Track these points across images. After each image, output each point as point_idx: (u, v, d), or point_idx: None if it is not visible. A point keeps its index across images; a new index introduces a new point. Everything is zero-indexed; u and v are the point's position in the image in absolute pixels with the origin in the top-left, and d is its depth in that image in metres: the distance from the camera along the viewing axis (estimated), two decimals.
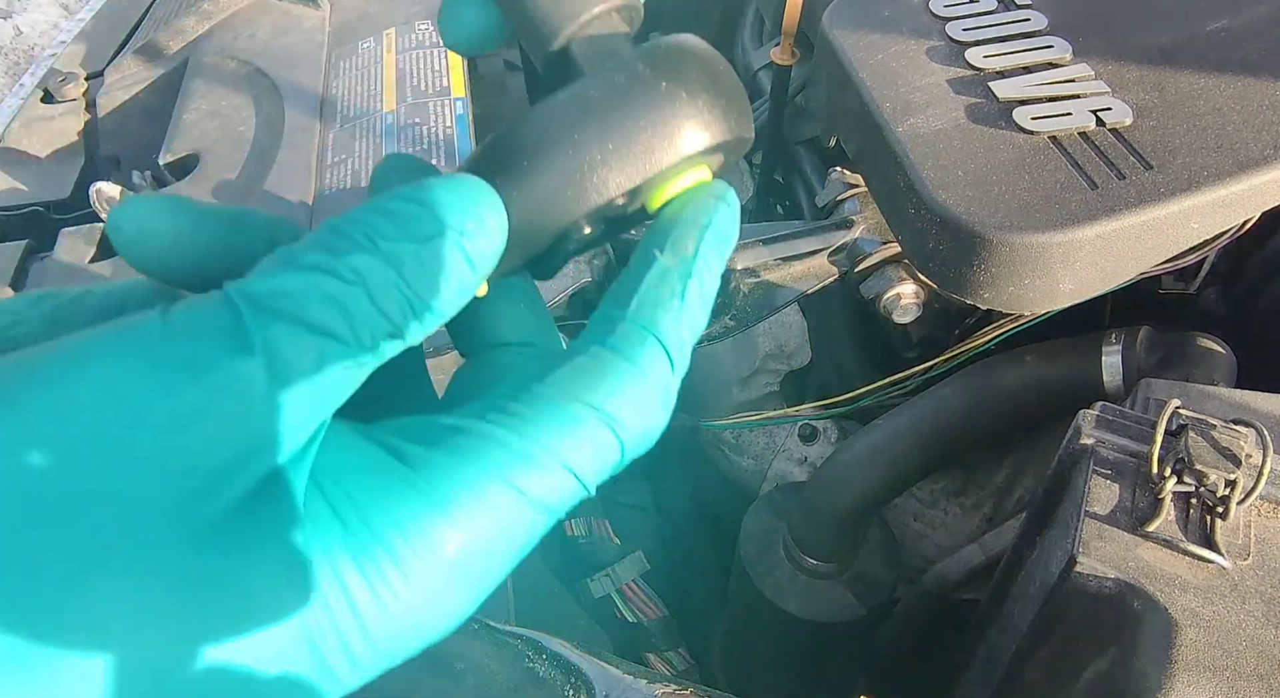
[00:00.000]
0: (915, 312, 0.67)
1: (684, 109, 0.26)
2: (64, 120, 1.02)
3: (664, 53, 0.26)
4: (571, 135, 0.25)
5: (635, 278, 0.26)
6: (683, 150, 0.26)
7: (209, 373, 0.20)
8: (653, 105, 0.26)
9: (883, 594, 0.69)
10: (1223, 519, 0.42)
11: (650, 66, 0.26)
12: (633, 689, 0.43)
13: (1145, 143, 0.53)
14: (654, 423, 0.25)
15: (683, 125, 0.26)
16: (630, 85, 0.26)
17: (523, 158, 0.26)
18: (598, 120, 0.26)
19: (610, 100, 0.26)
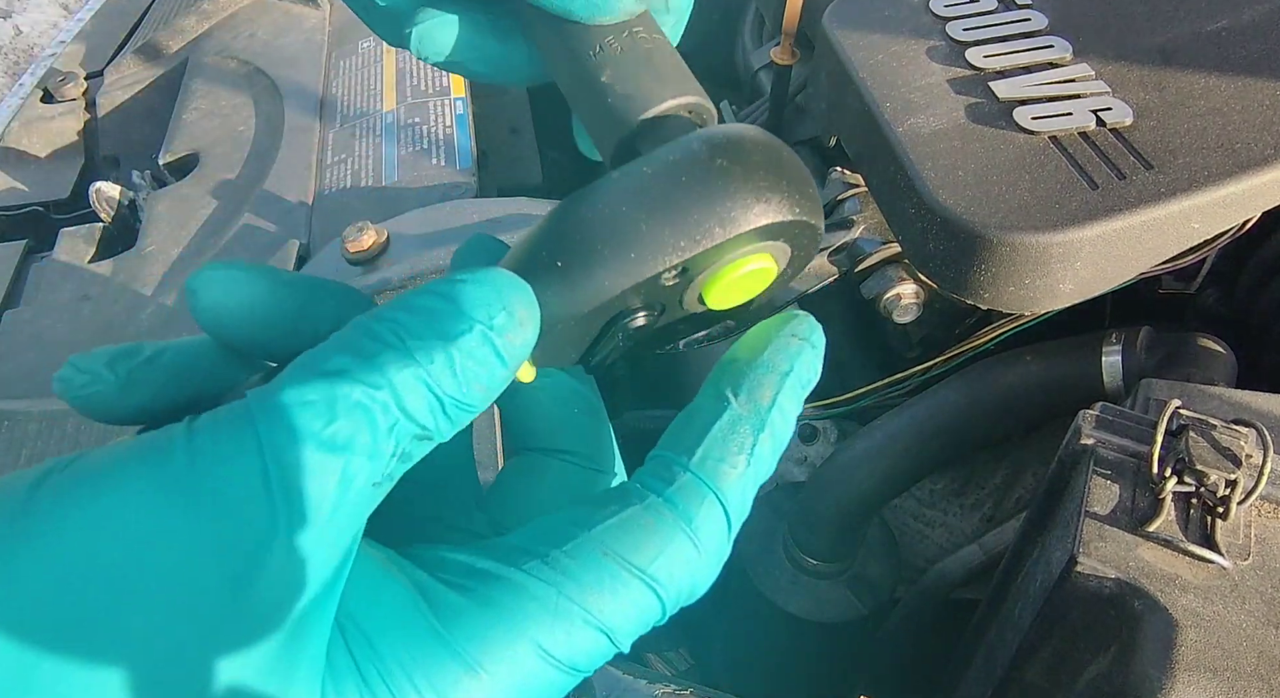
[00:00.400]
0: (915, 312, 0.67)
1: (738, 183, 0.24)
2: (64, 120, 1.02)
3: (724, 134, 0.25)
4: (619, 208, 0.24)
5: (704, 422, 0.25)
6: (736, 226, 0.24)
7: (233, 513, 0.20)
8: (704, 178, 0.24)
9: (883, 594, 0.69)
10: (1223, 519, 0.42)
11: (707, 144, 0.25)
12: (633, 689, 0.43)
13: (1145, 143, 0.53)
14: (702, 584, 0.24)
15: (735, 199, 0.24)
16: (683, 160, 0.25)
17: (569, 233, 0.25)
18: (646, 193, 0.24)
19: (661, 174, 0.25)
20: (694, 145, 0.25)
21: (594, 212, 0.25)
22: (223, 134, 0.91)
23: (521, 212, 0.71)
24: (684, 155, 0.25)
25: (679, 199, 0.24)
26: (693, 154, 0.25)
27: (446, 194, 0.78)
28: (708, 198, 0.24)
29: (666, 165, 0.25)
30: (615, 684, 0.43)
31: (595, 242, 0.24)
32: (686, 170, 0.25)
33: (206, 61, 1.01)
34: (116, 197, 0.87)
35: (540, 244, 0.25)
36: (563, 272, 0.24)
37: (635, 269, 0.24)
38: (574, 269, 0.24)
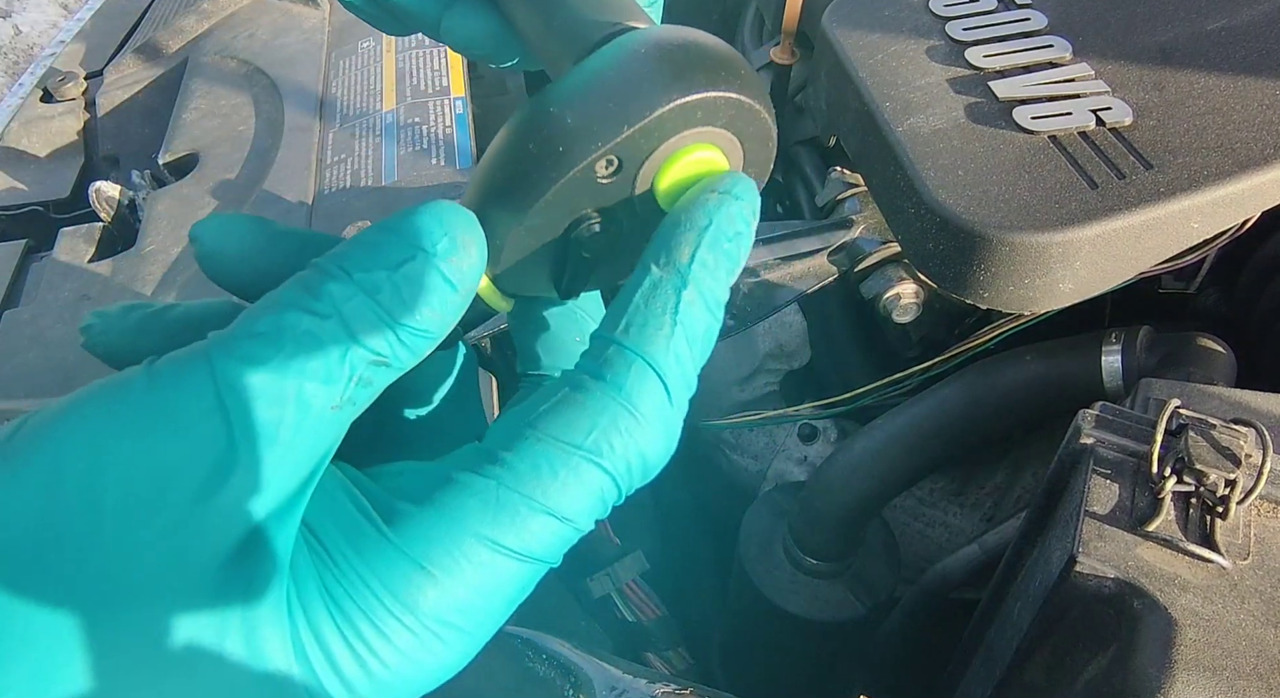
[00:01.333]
0: (915, 312, 0.67)
1: (655, 63, 0.24)
2: (63, 120, 1.02)
3: (654, 32, 0.25)
4: (547, 109, 0.24)
5: (627, 293, 0.25)
6: (657, 104, 0.24)
7: (186, 431, 0.21)
8: (625, 66, 0.24)
9: (883, 594, 0.69)
10: (1222, 519, 0.42)
11: (633, 40, 0.25)
12: (633, 689, 0.43)
13: (1145, 143, 0.53)
14: (652, 453, 0.25)
15: (655, 78, 0.24)
16: (610, 57, 0.24)
17: (505, 147, 0.25)
18: (573, 91, 0.24)
19: (588, 74, 0.24)
20: (625, 44, 0.25)
21: (524, 120, 0.25)
22: (223, 134, 0.91)
23: None
24: (612, 54, 0.25)
25: (601, 89, 0.24)
26: (621, 49, 0.25)
27: (446, 194, 0.78)
28: (628, 82, 0.24)
29: (590, 68, 0.25)
30: (615, 684, 0.43)
31: (526, 144, 0.24)
32: (609, 65, 0.24)
33: (206, 61, 1.01)
34: (116, 196, 0.87)
35: (484, 167, 0.25)
36: (503, 183, 0.25)
37: (564, 161, 0.24)
38: (513, 178, 0.25)
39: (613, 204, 0.25)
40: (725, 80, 0.25)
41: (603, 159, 0.24)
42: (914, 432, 0.65)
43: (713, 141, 0.25)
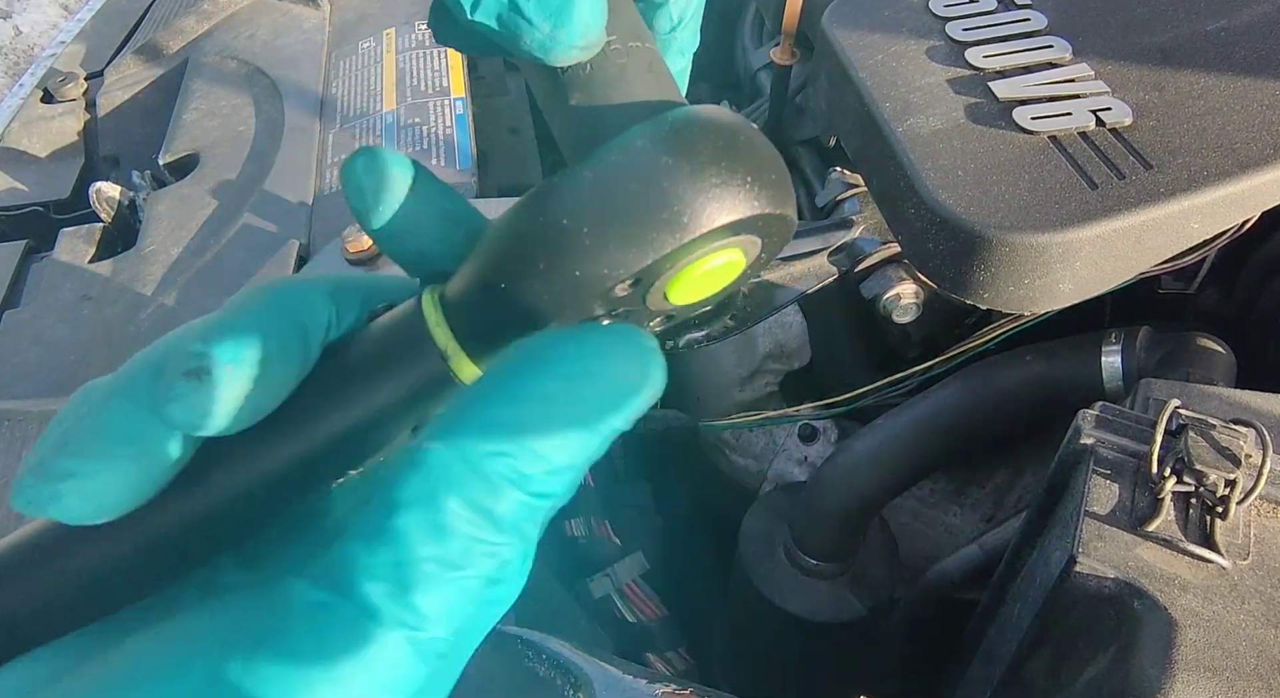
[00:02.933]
0: (915, 312, 0.67)
1: (686, 184, 0.22)
2: (64, 120, 1.02)
3: (671, 124, 0.23)
4: (559, 219, 0.22)
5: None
6: (686, 232, 0.22)
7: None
8: (648, 180, 0.22)
9: (883, 594, 0.69)
10: (1222, 519, 0.42)
11: (652, 139, 0.22)
12: (633, 689, 0.43)
13: (1145, 143, 0.53)
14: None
15: (685, 202, 0.22)
16: (626, 160, 0.22)
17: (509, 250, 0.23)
18: (587, 201, 0.22)
19: (603, 178, 0.22)
20: (637, 142, 0.22)
21: (532, 225, 0.23)
22: (223, 134, 0.91)
23: None
24: (626, 154, 0.22)
25: (622, 207, 0.22)
26: (636, 152, 0.22)
27: None
28: (654, 204, 0.22)
29: (608, 168, 0.22)
30: (615, 684, 0.43)
31: (536, 259, 0.22)
32: (630, 172, 0.22)
33: (206, 62, 1.01)
34: (116, 197, 0.87)
35: (483, 264, 0.24)
36: (506, 293, 0.23)
37: (581, 286, 0.22)
38: (519, 290, 0.23)
39: (624, 305, 0.24)
40: (760, 197, 0.23)
41: (624, 283, 0.23)
42: (914, 432, 0.65)
43: (734, 245, 0.24)
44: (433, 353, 0.24)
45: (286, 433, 0.23)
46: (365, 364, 0.24)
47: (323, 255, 0.73)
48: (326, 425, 0.24)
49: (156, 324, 0.73)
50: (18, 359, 0.72)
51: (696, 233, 0.22)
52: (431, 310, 0.24)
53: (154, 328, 0.73)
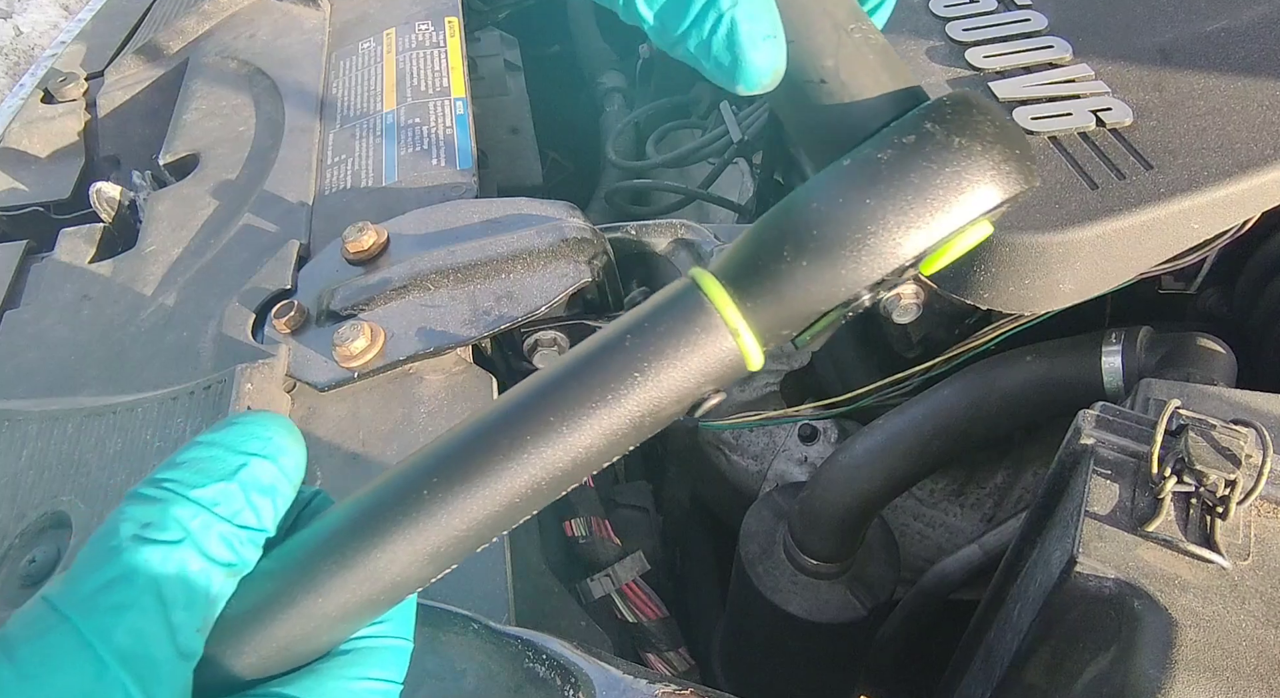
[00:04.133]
0: (915, 312, 0.67)
1: (979, 163, 0.24)
2: (64, 120, 1.02)
3: (952, 109, 0.25)
4: (862, 200, 0.24)
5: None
6: (982, 206, 0.24)
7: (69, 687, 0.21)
8: (944, 160, 0.24)
9: (883, 594, 0.69)
10: (1223, 519, 0.42)
11: (939, 122, 0.24)
12: (633, 689, 0.43)
13: (1145, 143, 0.53)
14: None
15: (981, 180, 0.24)
16: (919, 143, 0.24)
17: (809, 229, 0.24)
18: (888, 182, 0.24)
19: (898, 160, 0.24)
20: (926, 125, 0.24)
21: (836, 205, 0.24)
22: (223, 134, 0.91)
23: (521, 212, 0.71)
24: (920, 137, 0.24)
25: (925, 186, 0.24)
26: (928, 135, 0.24)
27: (446, 194, 0.78)
28: (954, 183, 0.24)
29: (904, 150, 0.24)
30: (615, 684, 0.43)
31: (842, 238, 0.24)
32: (927, 154, 0.24)
33: (207, 62, 1.01)
34: (117, 197, 0.87)
35: (777, 241, 0.25)
36: (807, 270, 0.24)
37: (885, 262, 0.24)
38: (820, 268, 0.24)
39: (896, 279, 0.26)
40: (1030, 171, 0.25)
41: (917, 257, 0.24)
42: (914, 432, 0.65)
43: (990, 218, 0.25)
44: (721, 330, 0.25)
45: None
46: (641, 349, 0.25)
47: (323, 255, 0.73)
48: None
49: (156, 324, 0.73)
50: (18, 359, 0.72)
51: (990, 205, 0.24)
52: (715, 289, 0.25)
53: (154, 328, 0.73)
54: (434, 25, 0.97)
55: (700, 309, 0.25)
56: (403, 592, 0.26)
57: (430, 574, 0.25)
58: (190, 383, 0.63)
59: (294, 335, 0.66)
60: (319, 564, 0.24)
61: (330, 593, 0.24)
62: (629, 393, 0.25)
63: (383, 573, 0.24)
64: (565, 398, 0.25)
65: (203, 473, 0.24)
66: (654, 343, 0.25)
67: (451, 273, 0.66)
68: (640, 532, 0.77)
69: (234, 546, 0.24)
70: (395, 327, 0.64)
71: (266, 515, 0.25)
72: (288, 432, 0.26)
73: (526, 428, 0.25)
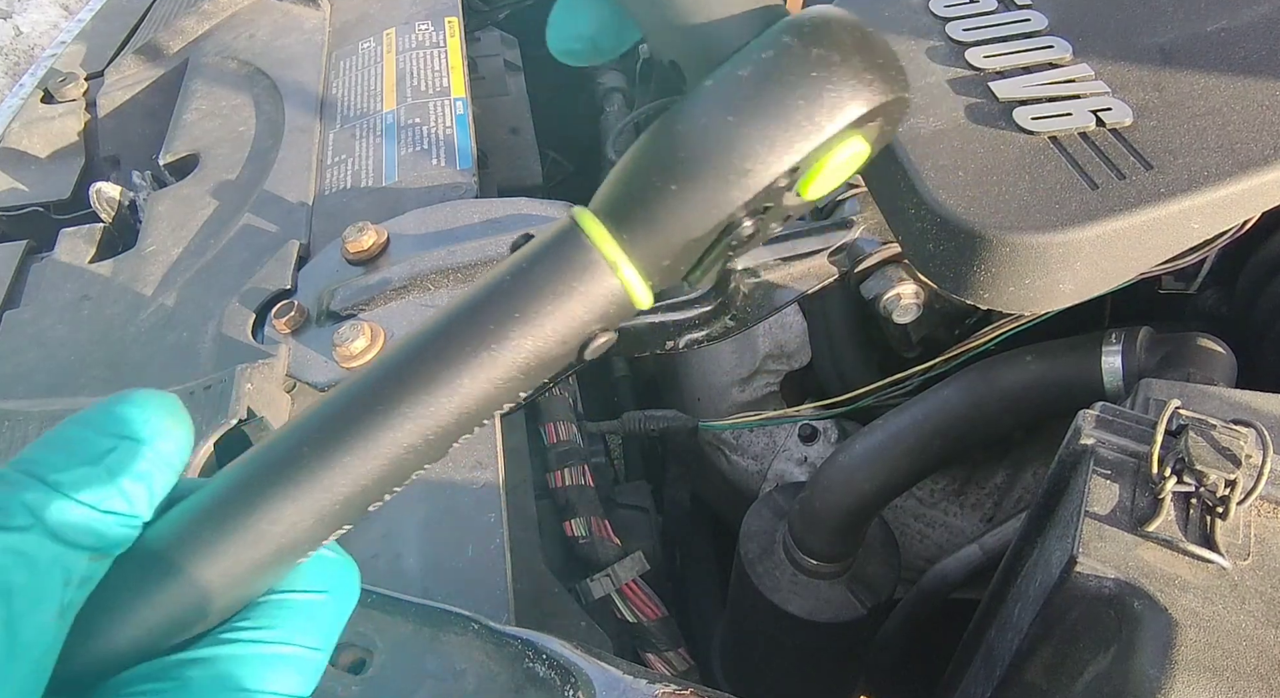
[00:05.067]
0: (915, 312, 0.67)
1: (840, 71, 0.24)
2: (64, 120, 1.02)
3: (810, 21, 0.25)
4: (724, 118, 0.24)
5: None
6: (846, 115, 0.24)
7: None
8: (804, 72, 0.23)
9: (883, 594, 0.69)
10: (1223, 519, 0.42)
11: (798, 36, 0.24)
12: (633, 689, 0.43)
13: (1145, 143, 0.53)
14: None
15: (842, 88, 0.24)
16: (779, 56, 0.24)
17: (676, 153, 0.24)
18: (750, 98, 0.24)
19: (759, 76, 0.24)
20: (784, 39, 0.24)
21: (699, 126, 0.24)
22: (223, 134, 0.91)
23: (521, 212, 0.71)
24: (778, 51, 0.24)
25: (785, 98, 0.23)
26: (786, 48, 0.24)
27: (446, 194, 0.78)
28: (814, 92, 0.23)
29: (763, 64, 0.24)
30: (615, 684, 0.43)
31: (708, 158, 0.24)
32: (785, 67, 0.24)
33: (207, 62, 1.01)
34: (117, 197, 0.87)
35: (647, 169, 0.25)
36: (678, 194, 0.24)
37: (753, 180, 0.24)
38: (690, 191, 0.24)
39: (769, 201, 0.25)
40: (896, 80, 0.25)
41: (787, 172, 0.24)
42: (914, 433, 0.65)
43: (863, 132, 0.25)
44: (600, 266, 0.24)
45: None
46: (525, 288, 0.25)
47: (323, 255, 0.73)
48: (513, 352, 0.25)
49: (156, 324, 0.73)
50: (18, 359, 0.72)
51: (855, 115, 0.24)
52: (593, 224, 0.25)
53: (154, 328, 0.73)
54: (434, 25, 0.97)
55: (578, 245, 0.25)
56: (293, 555, 0.25)
57: (322, 535, 0.25)
58: (190, 383, 0.63)
59: (294, 335, 0.66)
60: (199, 531, 0.24)
61: (214, 559, 0.24)
62: (512, 336, 0.24)
63: (268, 534, 0.24)
64: (447, 346, 0.24)
65: (69, 455, 0.23)
66: (534, 283, 0.25)
67: (451, 273, 0.66)
68: (640, 532, 0.77)
69: (96, 530, 0.23)
70: (395, 327, 0.64)
71: (140, 502, 0.24)
72: (168, 413, 0.25)
73: (409, 378, 0.24)
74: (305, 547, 0.25)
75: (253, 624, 0.24)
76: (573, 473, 0.71)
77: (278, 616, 0.25)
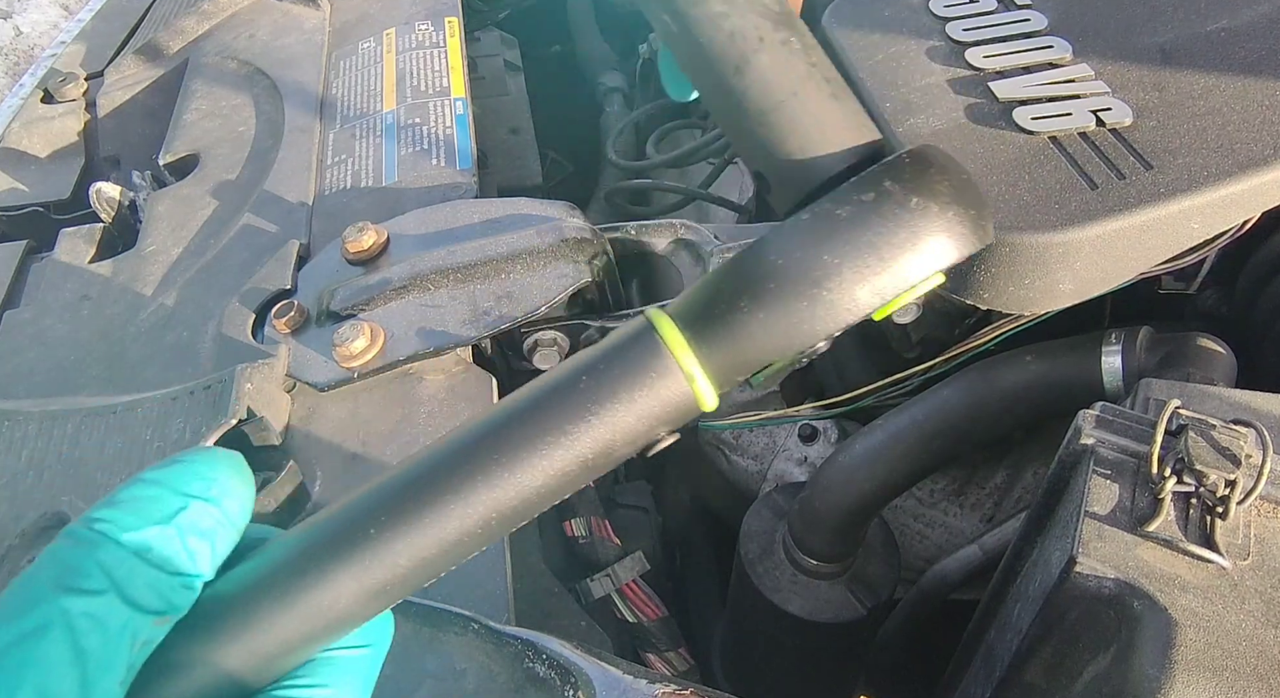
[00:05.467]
0: (915, 312, 0.67)
1: (936, 223, 0.25)
2: (64, 120, 1.02)
3: (910, 168, 0.25)
4: (820, 256, 0.25)
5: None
6: (935, 264, 0.25)
7: None
8: (901, 220, 0.24)
9: (883, 594, 0.69)
10: (1222, 519, 0.42)
11: (898, 182, 0.25)
12: (633, 689, 0.43)
13: (1145, 143, 0.53)
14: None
15: (937, 240, 0.25)
16: (878, 202, 0.25)
17: (770, 280, 0.25)
18: (847, 240, 0.24)
19: (858, 219, 0.25)
20: (885, 184, 0.25)
21: (794, 260, 0.25)
22: (223, 134, 0.91)
23: (521, 212, 0.71)
24: (879, 196, 0.25)
25: (883, 245, 0.24)
26: (886, 194, 0.25)
27: (446, 194, 0.78)
28: (912, 242, 0.24)
29: (862, 208, 0.25)
30: (615, 684, 0.43)
31: (800, 292, 0.24)
32: (885, 214, 0.24)
33: (207, 62, 1.01)
34: (117, 197, 0.87)
35: (734, 291, 0.25)
36: (764, 321, 0.25)
37: (843, 318, 0.25)
38: (777, 319, 0.25)
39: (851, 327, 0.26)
40: (986, 230, 0.26)
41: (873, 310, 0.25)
42: (914, 432, 0.65)
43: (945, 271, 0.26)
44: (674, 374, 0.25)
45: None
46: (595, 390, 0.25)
47: (323, 255, 0.73)
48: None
49: (156, 325, 0.73)
50: (18, 359, 0.72)
51: (946, 263, 0.25)
52: (671, 331, 0.25)
53: (154, 328, 0.73)
54: (434, 25, 0.97)
55: (655, 352, 0.25)
56: (349, 627, 0.26)
57: (377, 609, 0.25)
58: (190, 383, 0.63)
59: (294, 335, 0.66)
60: (258, 600, 0.24)
61: (273, 629, 0.24)
62: (581, 434, 0.25)
63: (326, 609, 0.24)
64: (517, 438, 0.25)
65: (139, 514, 0.23)
66: (608, 384, 0.25)
67: (451, 273, 0.66)
68: (640, 532, 0.77)
69: (164, 593, 0.23)
70: (395, 327, 0.64)
71: (203, 561, 0.24)
72: (235, 472, 0.25)
73: (476, 467, 0.25)
74: (360, 620, 0.26)
75: (305, 682, 0.25)
76: None
77: (326, 673, 0.25)
